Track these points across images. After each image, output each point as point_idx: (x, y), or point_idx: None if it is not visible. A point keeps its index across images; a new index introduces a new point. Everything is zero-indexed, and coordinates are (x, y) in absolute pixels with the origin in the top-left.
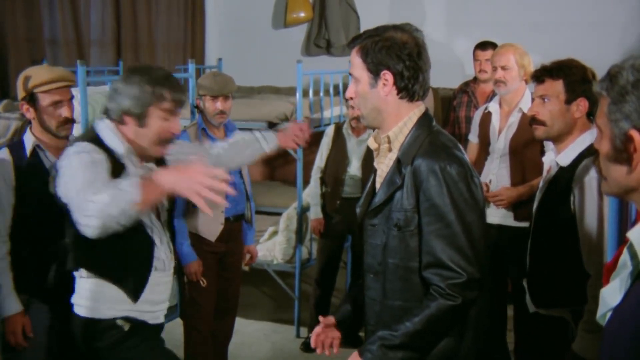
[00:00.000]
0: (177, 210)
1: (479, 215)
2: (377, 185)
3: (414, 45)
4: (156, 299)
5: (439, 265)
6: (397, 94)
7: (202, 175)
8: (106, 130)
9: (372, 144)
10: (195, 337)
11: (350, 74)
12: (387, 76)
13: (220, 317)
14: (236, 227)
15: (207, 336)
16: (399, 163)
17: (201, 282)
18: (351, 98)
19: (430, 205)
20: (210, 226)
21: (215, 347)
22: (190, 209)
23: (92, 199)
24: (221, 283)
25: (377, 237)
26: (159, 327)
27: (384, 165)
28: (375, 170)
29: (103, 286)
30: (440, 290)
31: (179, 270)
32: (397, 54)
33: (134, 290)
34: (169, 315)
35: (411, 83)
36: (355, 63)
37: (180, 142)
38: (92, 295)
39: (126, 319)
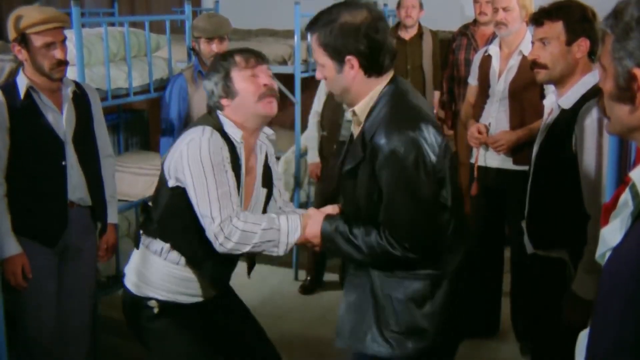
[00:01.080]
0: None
1: (426, 199)
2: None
3: (370, 21)
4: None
5: (385, 227)
6: (365, 73)
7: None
8: (224, 119)
9: (350, 114)
10: None
11: (314, 59)
12: (352, 61)
13: None
14: None
15: None
16: (363, 136)
17: None
18: (324, 78)
19: (383, 182)
20: None
21: None
22: None
23: (240, 225)
24: None
25: (350, 194)
26: (199, 305)
27: (356, 134)
28: (352, 135)
29: (152, 266)
30: (383, 236)
31: None
32: (355, 37)
33: (213, 279)
34: None
35: (375, 60)
36: (317, 51)
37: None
38: (137, 270)
39: (157, 300)
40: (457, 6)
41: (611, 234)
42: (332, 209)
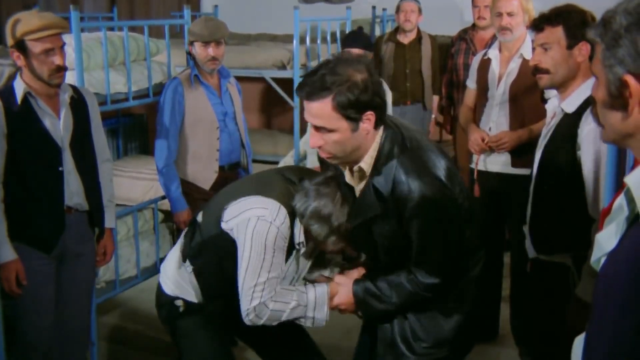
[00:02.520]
0: (168, 157)
1: (456, 233)
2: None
3: (373, 74)
4: None
5: (415, 264)
6: (375, 126)
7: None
8: (295, 226)
9: (356, 170)
10: None
11: (314, 125)
12: (370, 115)
13: None
14: (232, 175)
15: None
16: (377, 192)
17: None
18: (319, 147)
19: (414, 229)
20: (204, 173)
21: None
22: (182, 154)
23: (270, 306)
24: None
25: (363, 243)
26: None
27: (360, 188)
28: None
29: (185, 274)
30: (414, 280)
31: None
32: (373, 91)
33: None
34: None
35: (384, 111)
36: (327, 115)
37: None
38: (171, 272)
39: (184, 300)
40: (456, 11)
41: (606, 239)
42: (357, 272)
